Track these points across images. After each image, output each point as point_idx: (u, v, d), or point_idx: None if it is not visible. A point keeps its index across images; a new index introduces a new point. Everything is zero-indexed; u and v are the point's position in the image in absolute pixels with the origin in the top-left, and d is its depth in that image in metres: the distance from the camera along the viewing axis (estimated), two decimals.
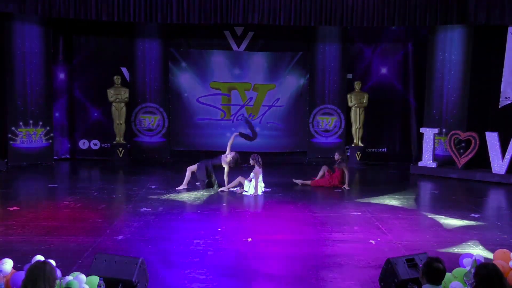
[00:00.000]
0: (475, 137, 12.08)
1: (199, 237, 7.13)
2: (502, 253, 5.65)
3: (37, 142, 13.38)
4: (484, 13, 11.85)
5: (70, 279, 4.76)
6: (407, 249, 6.67)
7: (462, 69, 12.88)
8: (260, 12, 12.13)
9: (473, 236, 7.43)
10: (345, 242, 7.11)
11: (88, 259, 5.85)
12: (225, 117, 14.71)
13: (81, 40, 14.30)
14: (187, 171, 10.58)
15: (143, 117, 14.38)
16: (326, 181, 11.00)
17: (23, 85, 13.11)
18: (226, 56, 14.59)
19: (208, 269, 5.89)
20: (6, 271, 4.99)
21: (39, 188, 10.85)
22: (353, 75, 14.62)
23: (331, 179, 11.00)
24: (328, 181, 10.99)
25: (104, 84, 13.98)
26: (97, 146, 14.54)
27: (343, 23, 12.46)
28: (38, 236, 7.07)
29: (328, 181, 10.99)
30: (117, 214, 8.43)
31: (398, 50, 14.57)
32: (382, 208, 9.03)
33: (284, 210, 8.89)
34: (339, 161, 10.98)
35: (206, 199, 9.56)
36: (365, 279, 5.66)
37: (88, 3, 11.91)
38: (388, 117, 14.75)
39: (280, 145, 14.86)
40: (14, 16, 12.78)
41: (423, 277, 3.76)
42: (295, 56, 14.60)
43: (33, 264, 3.56)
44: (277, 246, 6.82)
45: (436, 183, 11.75)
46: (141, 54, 14.25)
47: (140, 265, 4.98)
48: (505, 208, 10.14)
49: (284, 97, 14.69)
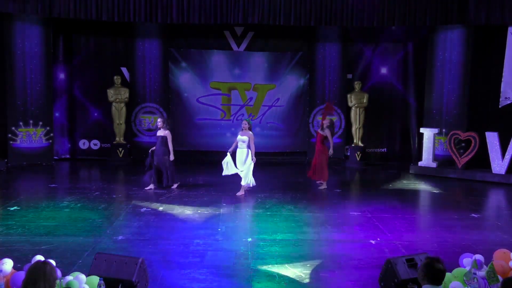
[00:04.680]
0: (475, 137, 12.08)
1: (199, 237, 7.13)
2: (502, 253, 5.64)
3: (37, 142, 13.38)
4: (484, 13, 11.86)
5: (70, 279, 4.76)
6: (407, 249, 6.67)
7: (462, 69, 12.89)
8: (260, 12, 12.14)
9: (473, 236, 7.43)
10: (345, 242, 7.11)
11: (88, 259, 5.85)
12: (225, 117, 14.72)
13: (81, 40, 14.31)
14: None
15: (143, 117, 14.39)
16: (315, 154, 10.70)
17: (23, 85, 13.12)
18: (226, 56, 14.59)
19: (208, 269, 5.88)
20: (6, 271, 4.99)
21: (39, 188, 10.84)
22: (353, 75, 14.62)
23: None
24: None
25: (104, 84, 14.00)
26: (97, 146, 14.54)
27: (343, 23, 12.48)
28: (38, 236, 7.07)
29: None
30: (117, 214, 8.43)
31: (398, 50, 14.58)
32: (382, 208, 9.03)
33: (284, 210, 8.88)
34: (326, 126, 10.49)
35: (206, 199, 9.56)
36: (365, 279, 5.66)
37: (88, 3, 11.92)
38: (388, 117, 14.76)
39: (280, 145, 14.86)
40: (14, 16, 12.78)
41: (424, 278, 3.74)
42: (295, 56, 14.61)
43: (33, 264, 3.55)
44: (277, 246, 6.82)
45: (436, 183, 11.75)
46: (141, 54, 14.26)
47: (140, 265, 4.98)
48: (505, 208, 10.14)
49: (284, 97, 14.69)
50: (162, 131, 10.26)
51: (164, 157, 10.19)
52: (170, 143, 10.21)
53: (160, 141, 10.21)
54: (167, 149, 10.20)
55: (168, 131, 10.29)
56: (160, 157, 10.19)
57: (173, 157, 10.25)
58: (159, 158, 10.20)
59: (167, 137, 10.21)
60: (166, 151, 10.20)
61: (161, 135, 10.25)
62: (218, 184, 10.75)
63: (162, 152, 10.19)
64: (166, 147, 10.19)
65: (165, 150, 10.19)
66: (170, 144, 10.21)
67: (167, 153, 10.21)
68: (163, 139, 10.20)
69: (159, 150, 10.21)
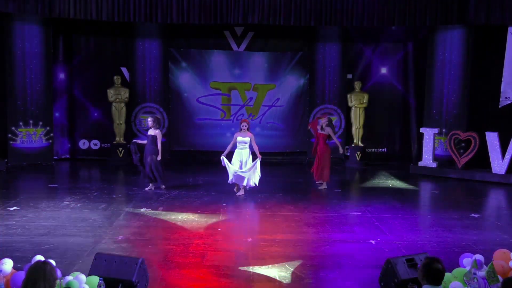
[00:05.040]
0: (475, 137, 12.08)
1: (199, 237, 7.13)
2: (502, 253, 5.64)
3: (37, 142, 13.38)
4: (484, 13, 11.86)
5: (70, 279, 4.76)
6: (407, 249, 6.66)
7: (462, 69, 12.89)
8: (260, 12, 12.14)
9: (473, 236, 7.43)
10: (345, 242, 7.11)
11: (88, 259, 5.84)
12: (225, 117, 14.72)
13: (81, 40, 14.31)
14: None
15: (143, 117, 14.38)
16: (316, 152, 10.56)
17: (23, 85, 13.12)
18: (226, 56, 14.59)
19: (208, 269, 5.89)
20: (6, 271, 4.99)
21: (39, 188, 10.84)
22: (353, 75, 14.62)
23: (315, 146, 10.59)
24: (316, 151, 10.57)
25: (104, 84, 13.99)
26: (97, 146, 14.54)
27: (343, 23, 12.48)
28: (38, 236, 7.07)
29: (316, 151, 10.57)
30: (117, 214, 8.43)
31: (398, 50, 14.58)
32: (382, 208, 9.03)
33: (284, 210, 8.88)
34: (326, 125, 10.37)
35: (206, 199, 9.56)
36: (365, 279, 5.66)
37: (88, 3, 11.92)
38: (388, 117, 14.75)
39: (280, 145, 14.86)
40: (14, 16, 12.79)
41: (423, 278, 3.75)
42: (295, 56, 14.61)
43: (33, 264, 3.55)
44: (277, 246, 6.82)
45: (436, 183, 11.74)
46: (141, 54, 14.26)
47: (140, 265, 4.97)
48: (505, 208, 10.13)
49: (284, 97, 14.69)
50: (153, 130, 10.17)
51: (152, 156, 10.08)
52: (159, 143, 10.11)
53: (150, 140, 10.12)
54: (156, 149, 10.11)
55: (158, 131, 10.21)
56: (147, 156, 10.11)
57: (160, 157, 10.15)
58: (146, 157, 10.13)
59: (157, 136, 10.12)
60: (155, 150, 10.11)
61: (152, 134, 10.15)
62: (218, 184, 10.74)
63: (150, 151, 10.09)
64: (156, 147, 10.10)
65: (154, 149, 10.10)
66: (159, 144, 10.11)
67: (156, 152, 10.10)
68: (153, 138, 10.11)
69: (147, 149, 10.13)
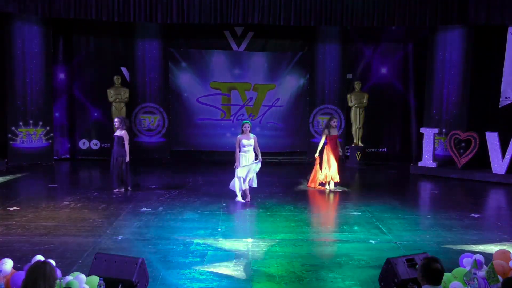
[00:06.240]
0: (475, 137, 12.08)
1: (199, 237, 7.13)
2: (502, 253, 5.65)
3: (37, 142, 13.38)
4: (484, 13, 11.86)
5: (70, 279, 4.76)
6: (407, 249, 6.67)
7: (462, 69, 12.89)
8: (260, 12, 12.14)
9: (473, 236, 7.43)
10: (345, 242, 7.11)
11: (88, 259, 5.85)
12: (225, 117, 14.72)
13: (81, 40, 14.30)
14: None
15: (143, 117, 14.38)
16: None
17: (23, 85, 13.12)
18: (226, 56, 14.59)
19: (208, 269, 5.89)
20: (6, 271, 4.99)
21: (39, 188, 10.84)
22: (353, 75, 14.62)
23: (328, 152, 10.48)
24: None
25: (104, 84, 13.99)
26: (97, 146, 14.54)
27: (343, 23, 12.48)
28: (38, 236, 7.07)
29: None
30: (117, 214, 8.43)
31: (398, 50, 14.58)
32: (382, 208, 9.03)
33: (284, 210, 8.89)
34: (334, 126, 10.50)
35: (206, 199, 9.55)
36: (365, 279, 5.66)
37: (88, 3, 11.92)
38: (388, 117, 14.75)
39: (280, 145, 14.86)
40: (14, 16, 12.78)
41: (423, 278, 3.75)
42: (295, 56, 14.60)
43: (33, 264, 3.56)
44: (277, 246, 6.82)
45: (436, 183, 11.74)
46: (141, 54, 14.26)
47: (140, 265, 4.98)
48: (505, 208, 10.14)
49: (284, 97, 14.69)
50: (119, 131, 10.03)
51: (119, 158, 9.95)
52: (126, 144, 9.98)
53: (117, 142, 9.99)
54: (123, 150, 9.96)
55: (125, 131, 10.05)
56: (115, 158, 10.00)
57: (128, 159, 10.02)
58: (113, 159, 10.02)
59: (123, 137, 9.97)
60: (122, 152, 9.95)
61: (118, 135, 10.02)
62: (218, 184, 10.75)
63: (117, 153, 9.97)
64: (123, 148, 9.96)
65: (121, 151, 9.95)
66: (126, 145, 9.97)
67: (123, 154, 9.95)
68: (119, 139, 9.97)
69: (115, 151, 10.01)
